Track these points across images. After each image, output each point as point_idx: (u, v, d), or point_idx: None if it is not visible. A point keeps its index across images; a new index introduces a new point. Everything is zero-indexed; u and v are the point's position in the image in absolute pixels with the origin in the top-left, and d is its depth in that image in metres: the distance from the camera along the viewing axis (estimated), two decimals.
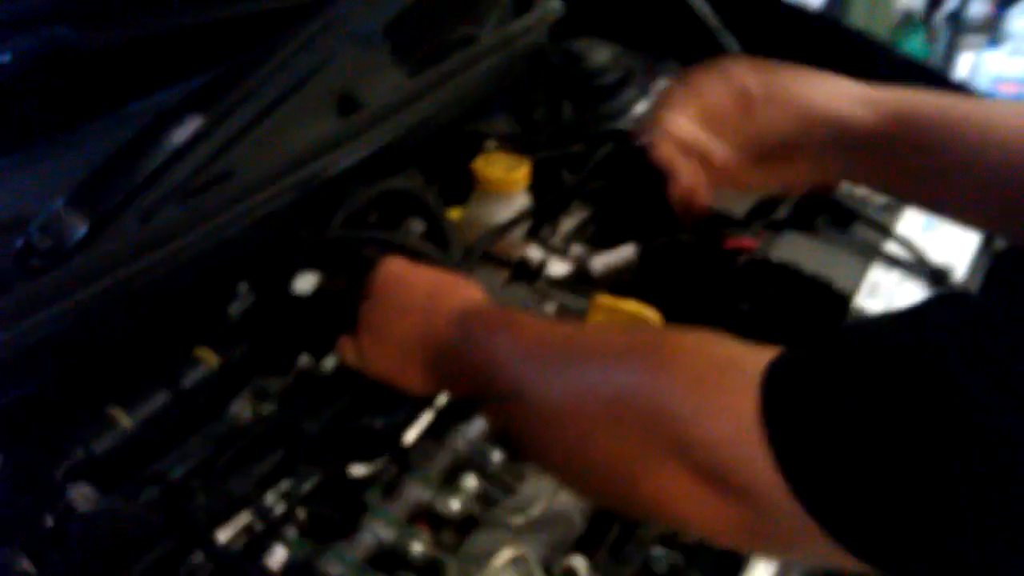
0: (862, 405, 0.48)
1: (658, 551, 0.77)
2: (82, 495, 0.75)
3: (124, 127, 0.87)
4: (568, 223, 1.17)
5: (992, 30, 3.18)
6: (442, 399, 0.84)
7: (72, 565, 0.70)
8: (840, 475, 0.48)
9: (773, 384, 0.51)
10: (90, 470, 0.78)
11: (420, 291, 0.79)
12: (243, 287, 0.94)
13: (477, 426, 0.83)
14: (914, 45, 3.20)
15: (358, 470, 0.80)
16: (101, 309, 0.81)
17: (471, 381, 0.72)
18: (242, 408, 0.90)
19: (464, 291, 0.79)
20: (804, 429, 0.50)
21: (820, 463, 0.49)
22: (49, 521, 0.72)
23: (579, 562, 0.75)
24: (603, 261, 1.08)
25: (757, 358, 0.53)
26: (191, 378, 0.87)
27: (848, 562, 0.49)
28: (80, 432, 0.80)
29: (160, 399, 0.85)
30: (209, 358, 0.88)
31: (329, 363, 0.89)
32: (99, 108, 0.89)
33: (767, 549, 0.62)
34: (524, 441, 0.70)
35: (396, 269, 0.82)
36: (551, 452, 0.66)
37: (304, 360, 0.91)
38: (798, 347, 0.54)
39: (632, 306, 0.89)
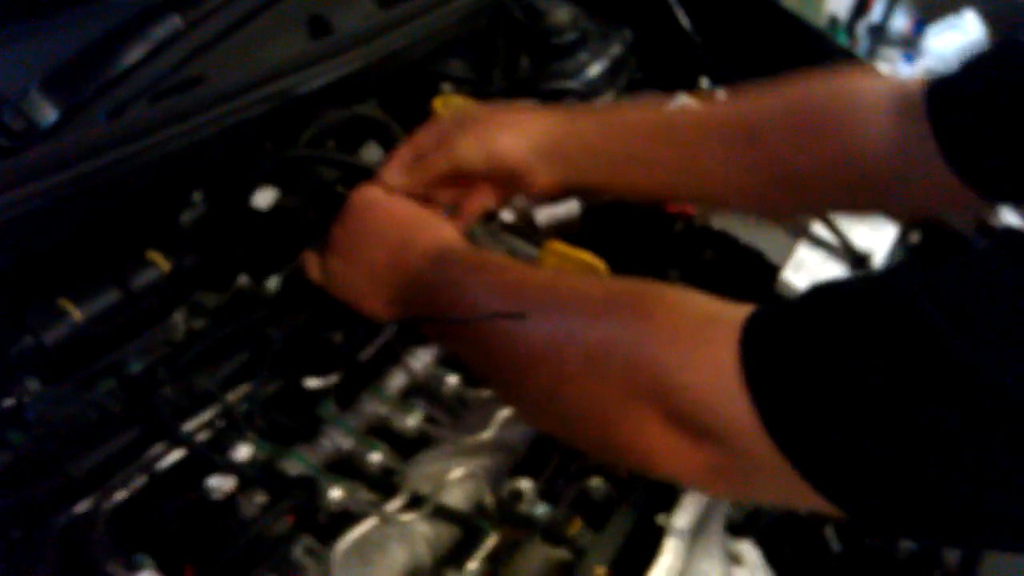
0: (838, 349, 0.51)
1: (595, 482, 0.81)
2: (28, 388, 0.75)
3: (103, 18, 0.85)
4: None
5: (910, 45, 3.32)
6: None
7: (29, 446, 0.69)
8: (816, 417, 0.51)
9: (752, 333, 0.55)
10: (38, 360, 0.77)
11: (396, 221, 0.81)
12: (197, 196, 0.94)
13: (432, 349, 0.86)
14: None
15: (314, 382, 0.82)
16: (63, 198, 0.80)
17: (440, 315, 0.73)
18: (179, 320, 0.91)
19: (440, 229, 0.80)
20: (781, 374, 0.53)
21: (796, 406, 0.52)
22: (8, 402, 0.71)
23: (526, 484, 0.79)
24: (547, 213, 1.12)
25: (737, 312, 0.57)
26: (142, 279, 0.87)
27: (820, 504, 0.52)
28: (30, 320, 0.79)
29: (111, 296, 0.84)
30: (160, 262, 0.88)
31: (272, 283, 0.90)
32: None
33: (739, 492, 0.66)
34: (496, 380, 0.72)
35: (374, 196, 0.83)
36: (526, 393, 0.68)
37: (243, 279, 0.91)
38: (775, 302, 0.57)
39: (583, 255, 0.93)
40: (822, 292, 0.56)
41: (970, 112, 0.70)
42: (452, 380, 0.84)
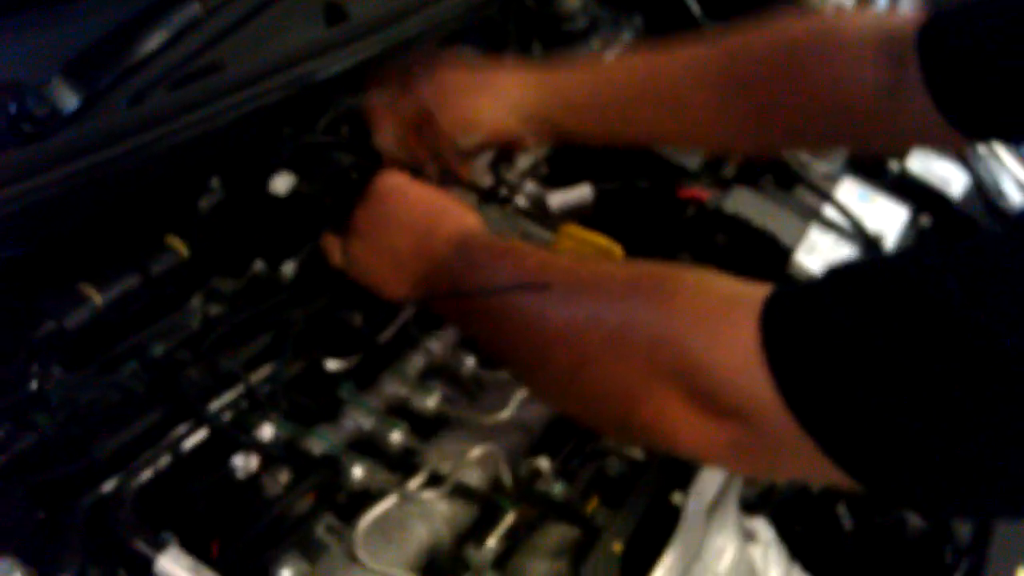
0: (858, 326, 0.52)
1: (612, 461, 0.82)
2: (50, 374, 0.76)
3: (124, 5, 0.86)
4: (524, 161, 1.21)
5: None
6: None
7: (55, 429, 0.71)
8: (837, 393, 0.52)
9: (773, 312, 0.56)
10: (61, 344, 0.79)
11: (421, 207, 0.82)
12: (216, 182, 0.95)
13: (451, 332, 0.87)
14: None
15: (332, 364, 0.83)
16: (85, 184, 0.81)
17: (464, 301, 0.74)
18: (196, 305, 0.92)
19: (464, 216, 0.82)
20: (802, 351, 0.54)
21: (817, 382, 0.53)
22: (33, 385, 0.72)
23: (543, 463, 0.80)
24: (560, 198, 1.13)
25: (757, 292, 0.58)
26: (161, 264, 0.88)
27: (842, 479, 0.53)
28: (52, 305, 0.80)
29: (131, 281, 0.85)
30: (180, 247, 0.89)
31: (288, 269, 0.91)
32: None
33: (761, 469, 0.67)
34: (516, 362, 0.74)
35: (398, 182, 0.84)
36: (547, 374, 0.69)
37: (258, 265, 0.92)
38: (796, 282, 0.58)
39: (599, 238, 0.94)
40: (841, 272, 0.57)
41: (961, 55, 0.72)
42: (470, 361, 0.85)
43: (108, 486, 0.68)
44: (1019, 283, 0.48)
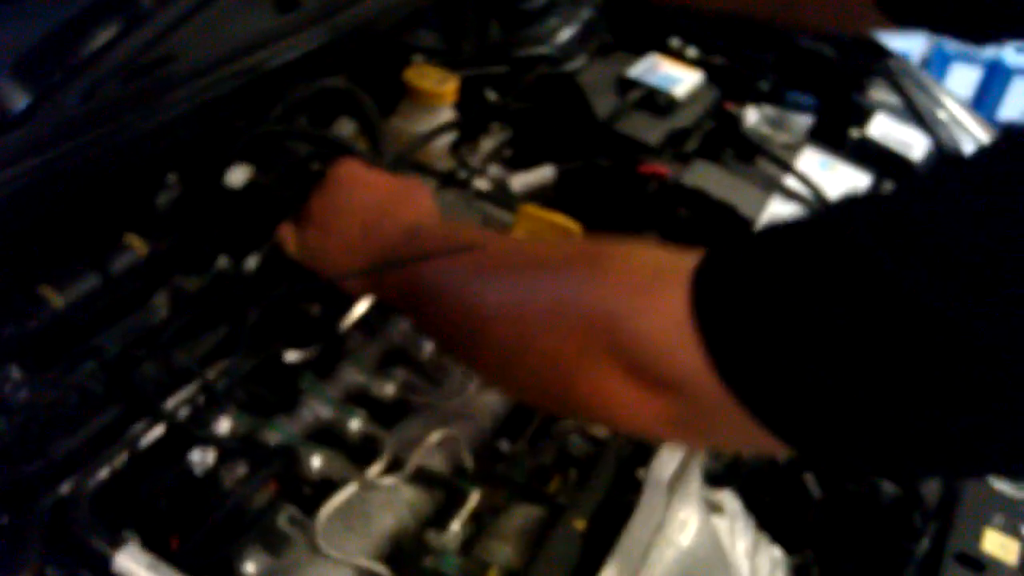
0: (783, 288, 0.51)
1: (575, 439, 0.82)
2: (9, 376, 0.75)
3: (70, 3, 0.86)
4: (487, 144, 1.21)
5: None
6: None
7: (13, 431, 0.71)
8: (763, 357, 0.52)
9: (701, 278, 0.55)
10: (20, 348, 0.78)
11: (375, 194, 0.81)
12: (172, 177, 0.95)
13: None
14: None
15: (292, 355, 0.83)
16: (38, 183, 0.81)
17: (410, 286, 0.74)
18: (161, 303, 0.92)
19: (418, 202, 0.82)
20: (729, 315, 0.53)
21: (744, 346, 0.53)
22: None
23: (505, 445, 0.80)
24: (522, 180, 1.13)
25: (687, 260, 0.57)
26: (120, 263, 0.87)
27: (775, 447, 0.53)
28: (11, 308, 0.80)
29: (90, 281, 0.85)
30: (138, 245, 0.89)
31: (251, 262, 0.91)
32: None
33: (696, 439, 0.67)
34: (459, 346, 0.73)
35: (354, 169, 0.84)
36: (488, 355, 0.69)
37: (222, 261, 0.92)
38: (723, 247, 0.57)
39: (557, 217, 0.94)
40: (768, 233, 0.57)
41: None
42: (429, 347, 0.85)
43: (66, 487, 0.68)
44: (940, 235, 0.47)
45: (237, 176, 0.93)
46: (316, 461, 0.73)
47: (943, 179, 0.52)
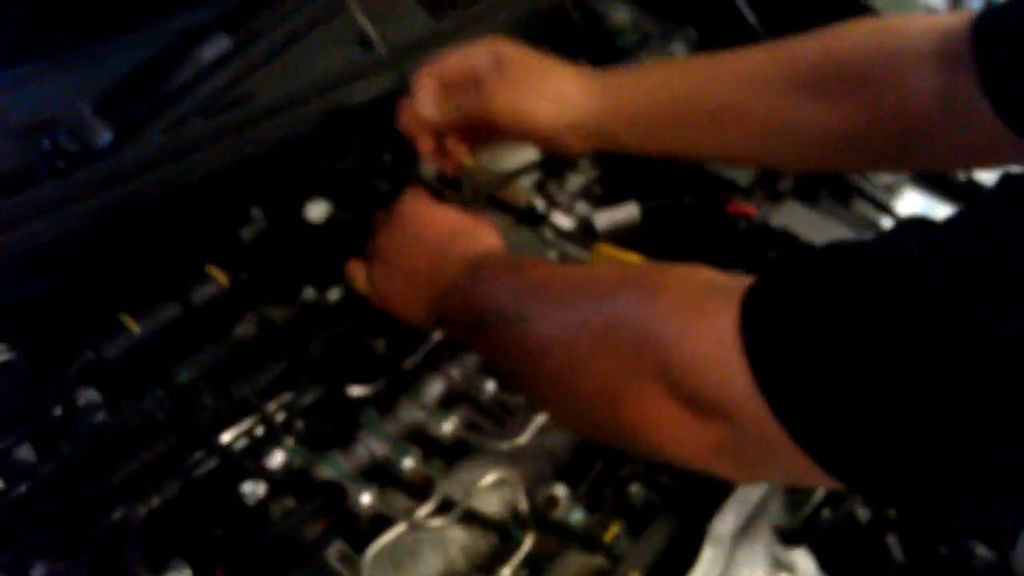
0: (836, 313, 0.48)
1: (636, 488, 0.80)
2: (87, 399, 0.78)
3: (153, 41, 0.89)
4: (575, 181, 1.19)
5: None
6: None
7: (76, 456, 0.72)
8: (818, 387, 0.48)
9: (752, 304, 0.53)
10: (99, 373, 0.81)
11: (440, 228, 0.81)
12: (257, 211, 0.97)
13: (473, 358, 0.86)
14: None
15: (356, 390, 0.83)
16: (120, 215, 0.83)
17: (471, 318, 0.73)
18: (247, 332, 0.93)
19: (483, 236, 0.81)
20: (779, 341, 0.51)
21: (795, 374, 0.50)
22: (57, 411, 0.74)
23: (561, 490, 0.78)
24: (607, 217, 1.11)
25: (739, 284, 0.54)
26: (201, 294, 0.89)
27: (824, 480, 0.50)
28: (92, 335, 0.82)
29: (170, 311, 0.87)
30: (219, 277, 0.91)
31: (334, 294, 0.92)
32: (131, 20, 0.91)
33: (742, 469, 0.63)
34: (517, 375, 0.72)
35: (419, 204, 0.84)
36: (542, 382, 0.68)
37: (309, 292, 0.93)
38: (775, 270, 0.54)
39: (632, 256, 0.92)
40: (820, 256, 0.53)
41: (1017, 52, 0.64)
42: (490, 386, 0.84)
43: (119, 513, 0.69)
44: (1002, 259, 0.44)
45: (317, 211, 0.94)
46: (366, 498, 0.72)
47: (1012, 200, 0.48)
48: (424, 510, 0.74)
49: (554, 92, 0.87)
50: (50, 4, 0.85)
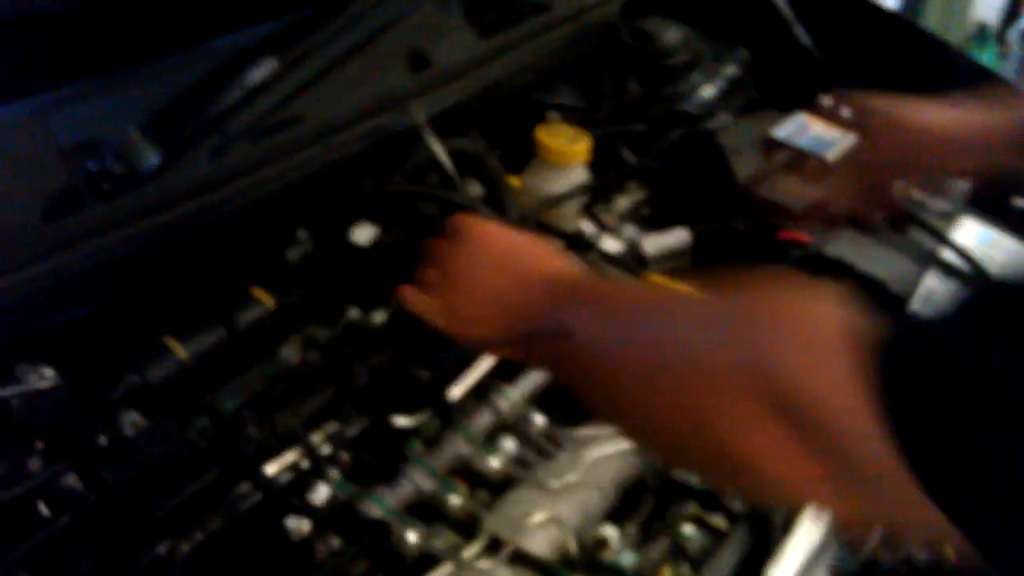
0: (989, 368, 0.47)
1: (689, 530, 0.77)
2: (131, 422, 0.77)
3: (200, 64, 0.88)
4: (623, 203, 1.17)
5: None
6: (488, 360, 0.85)
7: (121, 485, 0.71)
8: (955, 439, 0.47)
9: (888, 343, 0.50)
10: (143, 397, 0.80)
11: (518, 252, 0.80)
12: (303, 233, 0.96)
13: (521, 388, 0.84)
14: (986, 58, 3.15)
15: (402, 420, 0.81)
16: (167, 238, 0.83)
17: (559, 344, 0.71)
18: (291, 353, 0.92)
19: (560, 261, 0.80)
20: (918, 388, 0.49)
21: (931, 419, 0.48)
22: (103, 440, 0.73)
23: (611, 532, 0.76)
24: (656, 243, 1.09)
25: (856, 314, 0.53)
26: (247, 317, 0.88)
27: (944, 533, 0.48)
28: (136, 359, 0.81)
29: (215, 334, 0.86)
30: (265, 299, 0.90)
31: (378, 316, 0.90)
32: (178, 43, 0.91)
33: (855, 508, 0.62)
34: (612, 403, 0.69)
35: (491, 228, 0.83)
36: (642, 413, 0.65)
37: (353, 313, 0.92)
38: (918, 321, 0.55)
39: (682, 288, 0.90)
40: (974, 304, 0.52)
41: None
42: (539, 419, 0.82)
43: (162, 548, 0.68)
44: None
45: (363, 234, 0.93)
46: (412, 537, 0.70)
47: None
48: (471, 550, 0.72)
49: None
50: (98, 24, 0.85)
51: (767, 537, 0.76)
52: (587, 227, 1.10)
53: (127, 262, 0.81)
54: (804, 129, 1.13)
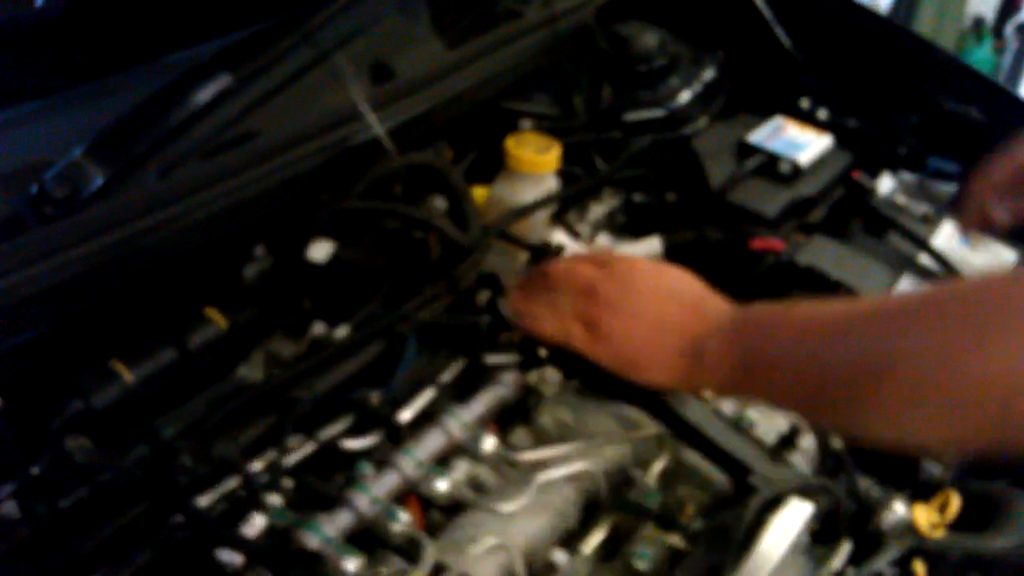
0: None
1: (643, 549, 0.75)
2: (78, 446, 0.75)
3: (148, 81, 0.86)
4: (596, 211, 1.15)
5: None
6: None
7: (56, 515, 0.70)
8: None
9: None
10: (88, 422, 0.78)
11: (683, 282, 0.82)
12: (260, 250, 0.94)
13: (472, 410, 0.82)
14: (982, 53, 3.09)
15: (351, 443, 0.79)
16: (112, 261, 0.81)
17: (752, 361, 0.74)
18: (252, 372, 0.90)
19: (716, 296, 0.82)
20: None
21: None
22: (37, 471, 0.72)
23: (560, 556, 0.73)
24: (628, 252, 1.06)
25: None
26: (199, 338, 0.86)
27: None
28: (81, 384, 0.80)
29: (165, 356, 0.84)
30: (218, 319, 0.88)
31: (341, 332, 0.89)
32: (125, 60, 0.89)
33: None
34: (880, 420, 0.69)
35: (647, 262, 0.87)
36: (921, 425, 0.66)
37: (318, 328, 0.90)
38: None
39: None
40: None
41: None
42: (490, 442, 0.79)
43: None
44: None
45: (320, 251, 0.91)
46: (351, 566, 0.68)
47: None
48: None
49: None
50: (37, 45, 0.83)
51: (724, 556, 0.73)
52: (559, 236, 1.07)
53: (71, 287, 0.79)
54: (779, 132, 1.10)
